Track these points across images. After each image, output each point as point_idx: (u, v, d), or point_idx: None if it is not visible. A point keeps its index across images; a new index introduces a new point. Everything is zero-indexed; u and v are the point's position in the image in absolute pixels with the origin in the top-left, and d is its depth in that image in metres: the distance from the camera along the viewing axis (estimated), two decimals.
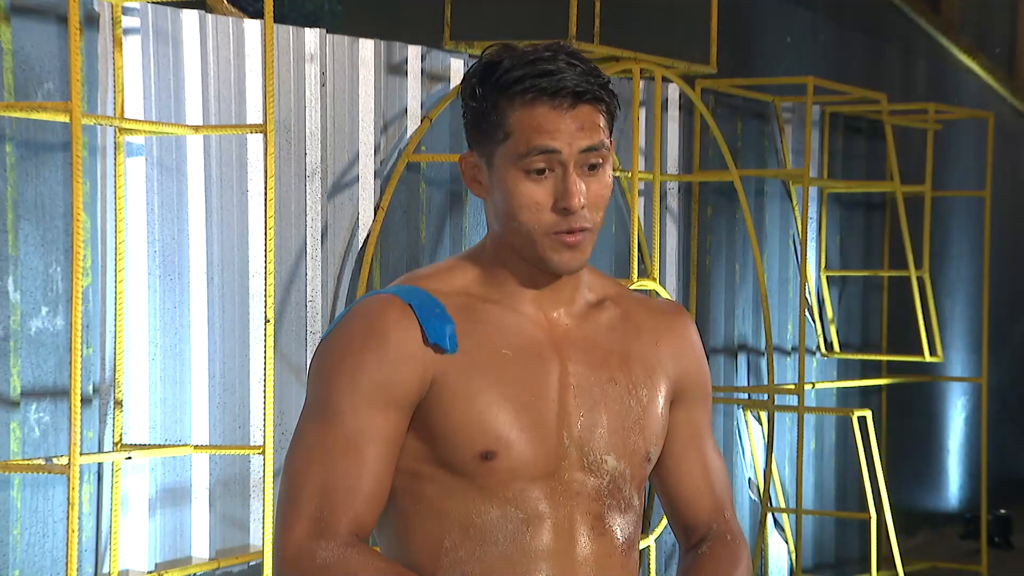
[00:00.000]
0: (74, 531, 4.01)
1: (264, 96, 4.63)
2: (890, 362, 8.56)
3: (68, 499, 4.03)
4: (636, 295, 2.43)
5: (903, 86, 9.64)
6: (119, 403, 4.49)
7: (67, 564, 4.01)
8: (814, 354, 7.91)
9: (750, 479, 7.37)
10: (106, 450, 4.52)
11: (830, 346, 7.95)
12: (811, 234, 7.88)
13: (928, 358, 7.80)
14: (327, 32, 5.30)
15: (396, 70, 5.52)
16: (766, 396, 6.85)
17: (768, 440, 6.84)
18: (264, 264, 4.69)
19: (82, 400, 4.36)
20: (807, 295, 7.57)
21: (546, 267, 2.25)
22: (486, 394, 2.23)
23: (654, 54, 6.07)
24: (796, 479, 6.91)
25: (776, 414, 7.20)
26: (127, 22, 4.61)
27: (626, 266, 6.39)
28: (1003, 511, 9.74)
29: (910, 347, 8.22)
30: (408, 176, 5.53)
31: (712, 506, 2.41)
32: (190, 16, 4.82)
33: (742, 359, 7.37)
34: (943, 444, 10.03)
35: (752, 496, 7.36)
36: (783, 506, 7.37)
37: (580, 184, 2.21)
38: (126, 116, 4.52)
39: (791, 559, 7.38)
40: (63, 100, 4.31)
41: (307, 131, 5.22)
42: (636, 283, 5.79)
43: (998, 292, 9.76)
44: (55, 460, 4.20)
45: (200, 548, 4.86)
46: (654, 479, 2.43)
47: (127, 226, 4.58)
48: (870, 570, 7.02)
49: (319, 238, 5.25)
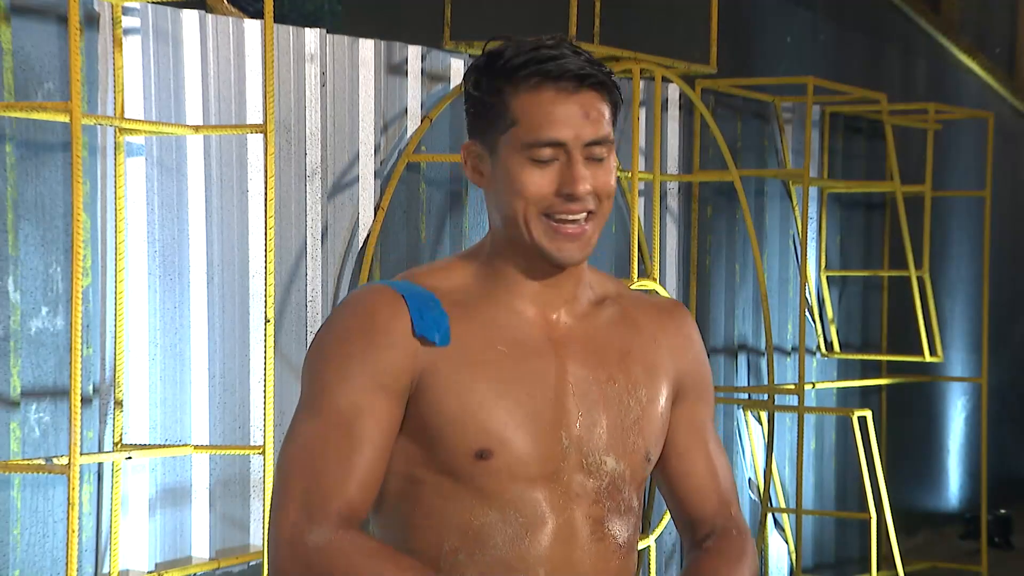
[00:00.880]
0: (74, 531, 4.01)
1: (264, 96, 4.63)
2: (890, 362, 8.56)
3: (68, 499, 4.03)
4: (635, 293, 2.41)
5: (903, 86, 9.64)
6: (119, 403, 4.50)
7: (67, 564, 4.01)
8: (814, 354, 7.91)
9: (750, 479, 7.37)
10: (106, 450, 4.52)
11: (830, 346, 7.95)
12: (811, 234, 7.88)
13: (928, 358, 7.80)
14: (327, 32, 5.30)
15: (396, 70, 5.52)
16: (766, 396, 6.85)
17: (768, 440, 6.84)
18: (264, 264, 4.69)
19: (82, 400, 4.36)
20: (807, 295, 7.57)
21: (544, 256, 2.23)
22: (480, 390, 2.21)
23: (654, 54, 6.07)
24: (796, 479, 6.91)
25: (776, 414, 7.20)
26: (127, 22, 4.61)
27: (626, 266, 6.39)
28: (1003, 511, 9.74)
29: (910, 347, 8.22)
30: (408, 176, 5.53)
31: (717, 501, 2.39)
32: (190, 16, 4.82)
33: (742, 359, 7.37)
34: (943, 444, 10.03)
35: (752, 496, 7.36)
36: (783, 506, 7.37)
37: (585, 172, 2.21)
38: (126, 116, 4.52)
39: (791, 559, 7.38)
40: (63, 100, 4.30)
41: (307, 131, 5.22)
42: (636, 283, 5.79)
43: (998, 292, 9.76)
44: (55, 460, 4.20)
45: (200, 548, 4.86)
46: (658, 476, 2.41)
47: (127, 226, 4.58)
48: (870, 570, 7.02)
49: (319, 238, 5.25)
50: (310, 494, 2.15)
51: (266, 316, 4.54)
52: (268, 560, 2.20)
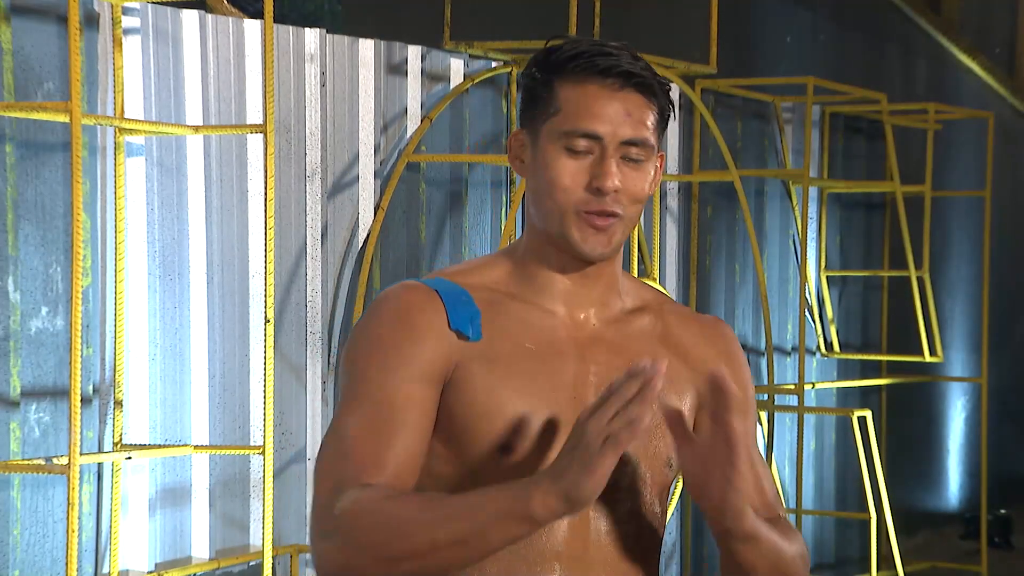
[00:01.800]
0: (74, 531, 4.01)
1: (264, 96, 4.63)
2: (890, 362, 8.56)
3: (68, 499, 4.03)
4: (678, 307, 2.41)
5: (903, 86, 9.64)
6: (119, 403, 4.50)
7: (67, 564, 4.01)
8: (814, 354, 7.91)
9: None
10: (106, 450, 4.52)
11: (830, 346, 7.95)
12: (811, 234, 7.88)
13: (928, 358, 7.80)
14: (327, 32, 5.30)
15: (396, 70, 5.52)
16: (766, 396, 6.85)
17: (768, 440, 6.84)
18: (264, 264, 4.69)
19: (82, 400, 4.36)
20: (807, 295, 7.57)
21: (571, 248, 2.24)
22: (505, 387, 2.22)
23: (654, 54, 6.07)
24: (796, 479, 6.91)
25: (776, 414, 7.20)
26: (127, 22, 4.61)
27: (626, 266, 6.40)
28: (1003, 511, 9.74)
29: (910, 347, 8.22)
30: (408, 176, 5.53)
31: (759, 506, 2.35)
32: (190, 16, 4.82)
33: None
34: (943, 444, 10.03)
35: None
36: (783, 506, 7.36)
37: (617, 171, 2.22)
38: (126, 116, 4.52)
39: None
40: (63, 100, 4.31)
41: (307, 131, 5.22)
42: None
43: (998, 292, 9.76)
44: (55, 460, 4.20)
45: (200, 548, 4.86)
46: (692, 490, 2.38)
47: (127, 226, 4.58)
48: (870, 570, 7.02)
49: (319, 238, 5.25)
50: (345, 475, 2.15)
51: (266, 316, 4.55)
52: (311, 554, 2.19)
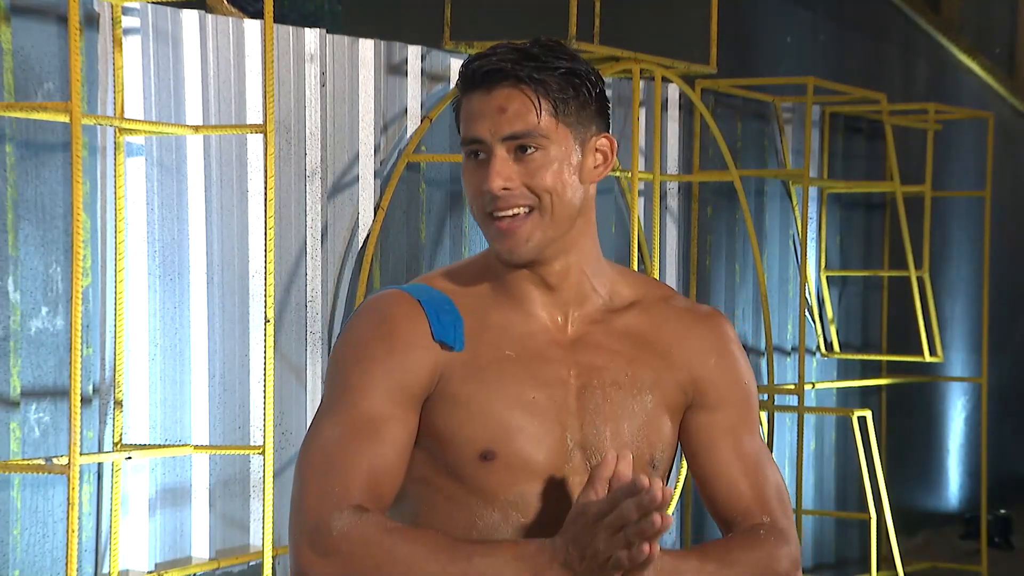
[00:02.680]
0: (74, 531, 4.01)
1: (264, 96, 4.63)
2: (890, 362, 8.56)
3: (68, 499, 4.02)
4: (676, 300, 2.40)
5: (903, 86, 9.64)
6: (119, 403, 4.49)
7: (67, 564, 4.01)
8: (814, 354, 7.91)
9: None
10: (106, 450, 4.52)
11: (830, 346, 7.95)
12: (811, 234, 7.88)
13: (928, 358, 7.80)
14: (327, 32, 5.30)
15: (396, 70, 5.52)
16: (766, 396, 6.85)
17: (768, 440, 6.84)
18: (264, 264, 4.68)
19: (82, 400, 4.36)
20: (807, 295, 7.57)
21: (498, 256, 2.27)
22: (486, 393, 2.23)
23: (654, 54, 6.06)
24: (796, 479, 6.91)
25: (776, 414, 7.20)
26: (127, 22, 4.61)
27: (626, 266, 6.39)
28: (1003, 511, 9.74)
29: (910, 347, 8.22)
30: (408, 176, 5.53)
31: (750, 502, 2.35)
32: (190, 16, 4.82)
33: None
34: (943, 444, 10.03)
35: None
36: (785, 505, 7.35)
37: (507, 167, 2.22)
38: (126, 116, 4.52)
39: None
40: (63, 100, 4.30)
41: (307, 131, 5.22)
42: None
43: (998, 292, 9.75)
44: (55, 460, 4.20)
45: (200, 548, 4.86)
46: (697, 484, 2.39)
47: (127, 226, 4.58)
48: (870, 570, 7.02)
49: (319, 238, 5.25)
50: (332, 488, 2.16)
51: (266, 316, 4.54)
52: (291, 558, 2.19)
